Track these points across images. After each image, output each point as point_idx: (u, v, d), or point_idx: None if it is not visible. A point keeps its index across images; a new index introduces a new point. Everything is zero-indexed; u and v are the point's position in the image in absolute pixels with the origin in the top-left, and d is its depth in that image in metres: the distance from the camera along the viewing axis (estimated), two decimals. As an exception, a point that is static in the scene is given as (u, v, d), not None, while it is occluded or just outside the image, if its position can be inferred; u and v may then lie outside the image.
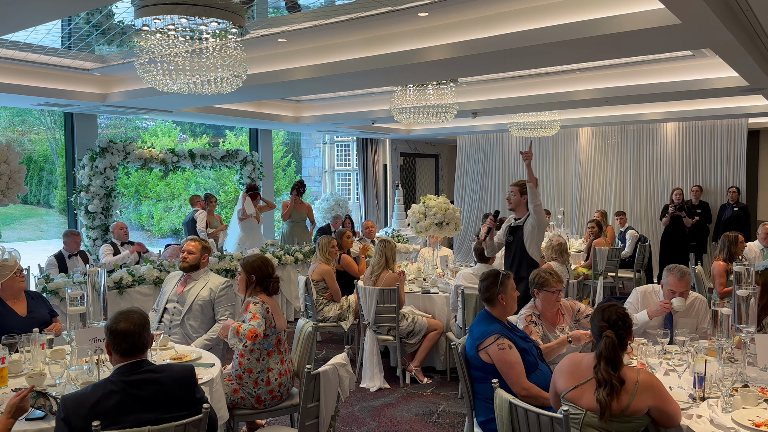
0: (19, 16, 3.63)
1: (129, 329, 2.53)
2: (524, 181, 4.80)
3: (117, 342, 2.53)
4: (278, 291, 3.68)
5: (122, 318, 2.57)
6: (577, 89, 6.96)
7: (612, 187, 10.94)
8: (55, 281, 5.31)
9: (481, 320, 3.30)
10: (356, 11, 4.27)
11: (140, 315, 2.60)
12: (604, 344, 2.52)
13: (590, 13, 3.89)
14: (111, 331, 2.55)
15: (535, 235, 4.68)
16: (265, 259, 3.67)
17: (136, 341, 2.53)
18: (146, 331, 2.59)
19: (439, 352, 5.53)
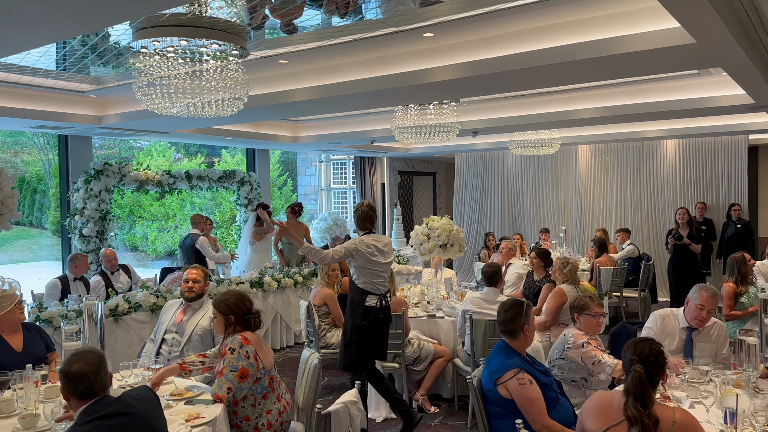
0: (16, 39, 3.51)
1: (83, 370, 2.38)
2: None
3: (72, 385, 2.38)
4: (261, 325, 3.49)
5: (75, 359, 2.42)
6: (579, 108, 6.90)
7: (612, 204, 10.87)
8: (49, 310, 5.13)
9: (498, 352, 3.15)
10: (361, 32, 4.18)
11: (95, 354, 2.45)
12: (631, 379, 2.39)
13: (599, 34, 3.82)
14: (65, 374, 2.40)
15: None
16: (240, 294, 3.41)
17: (92, 381, 2.38)
18: (102, 370, 2.44)
19: (446, 380, 5.37)
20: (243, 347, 3.25)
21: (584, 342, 3.59)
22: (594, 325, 3.68)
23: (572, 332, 3.70)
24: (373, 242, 4.51)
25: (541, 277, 6.16)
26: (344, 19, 4.29)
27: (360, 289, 4.56)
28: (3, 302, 3.57)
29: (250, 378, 3.23)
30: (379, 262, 4.52)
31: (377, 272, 4.55)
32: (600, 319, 3.71)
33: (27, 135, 18.86)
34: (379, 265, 4.53)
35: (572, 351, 3.59)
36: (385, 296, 4.60)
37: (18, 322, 3.70)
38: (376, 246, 4.51)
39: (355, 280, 4.58)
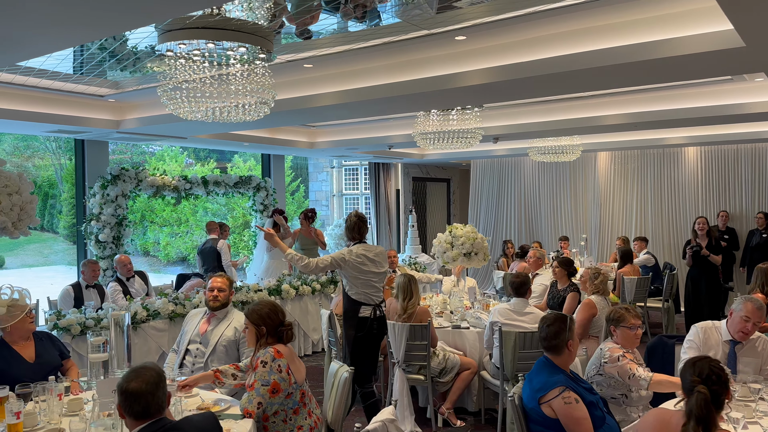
0: (36, 42, 3.42)
1: (141, 389, 2.27)
2: None
3: (128, 404, 2.27)
4: (293, 338, 3.37)
5: (133, 376, 2.30)
6: (603, 114, 6.75)
7: (633, 212, 10.69)
8: (68, 318, 5.03)
9: (541, 369, 3.02)
10: (391, 35, 4.07)
11: (154, 372, 2.33)
12: (695, 401, 2.25)
13: (640, 37, 3.69)
14: (122, 391, 2.29)
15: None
16: (273, 305, 3.31)
17: (149, 402, 2.27)
18: (160, 390, 2.32)
19: (472, 393, 5.22)
20: (275, 360, 3.13)
21: (620, 355, 3.45)
22: (631, 338, 3.55)
23: (608, 346, 3.56)
24: (364, 252, 4.53)
25: (565, 286, 6.01)
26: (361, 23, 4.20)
27: (353, 300, 4.60)
28: (13, 311, 3.42)
29: (282, 393, 3.11)
30: (371, 272, 4.56)
31: (370, 282, 4.59)
32: (637, 331, 3.58)
33: (39, 139, 18.89)
34: (371, 275, 4.57)
35: (609, 365, 3.46)
36: (379, 306, 4.65)
37: (29, 332, 3.58)
38: (366, 256, 4.54)
39: (348, 291, 4.61)
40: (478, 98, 4.88)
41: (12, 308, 3.39)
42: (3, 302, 3.38)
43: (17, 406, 2.85)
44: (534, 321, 4.70)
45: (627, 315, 3.56)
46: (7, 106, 5.69)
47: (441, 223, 14.32)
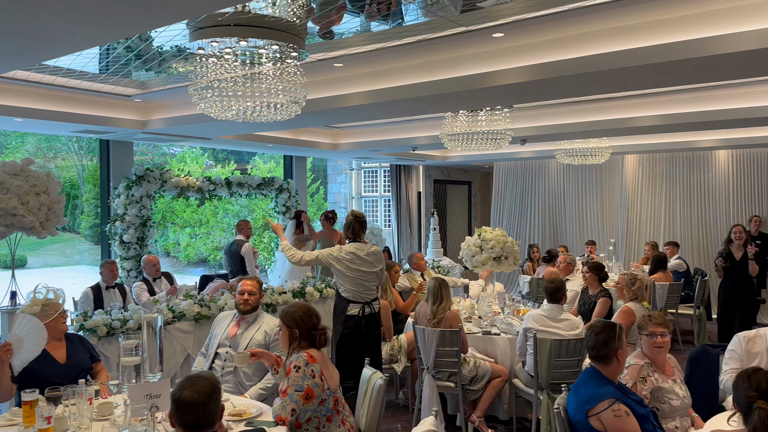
0: (68, 39, 3.36)
1: (193, 400, 2.18)
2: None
3: (179, 413, 2.18)
4: (327, 343, 3.27)
5: (187, 385, 2.21)
6: (636, 115, 6.58)
7: (661, 217, 10.45)
8: (94, 319, 4.98)
9: (588, 380, 2.88)
10: (426, 32, 3.96)
11: (209, 383, 2.24)
12: (758, 418, 2.11)
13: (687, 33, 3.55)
14: (174, 400, 2.20)
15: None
16: (308, 308, 3.24)
17: (200, 414, 2.18)
18: (213, 402, 2.23)
19: (503, 401, 5.08)
20: (308, 365, 3.04)
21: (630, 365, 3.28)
22: (651, 346, 3.33)
23: (632, 360, 3.38)
24: (354, 250, 4.70)
25: (596, 291, 5.86)
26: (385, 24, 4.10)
27: (342, 298, 4.82)
28: (47, 311, 3.41)
29: (315, 399, 3.02)
30: (362, 270, 4.71)
31: (359, 280, 4.75)
32: (657, 339, 3.33)
33: (62, 140, 19.06)
34: (361, 273, 4.72)
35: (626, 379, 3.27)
36: (369, 304, 4.77)
37: (61, 333, 3.53)
38: (356, 254, 4.69)
39: (338, 288, 4.84)
40: (514, 97, 4.75)
41: (46, 307, 3.38)
42: (38, 301, 3.37)
43: (47, 410, 2.78)
44: (570, 327, 4.56)
45: (648, 322, 3.36)
46: (34, 105, 5.68)
47: (462, 226, 14.18)
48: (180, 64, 5.64)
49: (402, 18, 4.07)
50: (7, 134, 18.77)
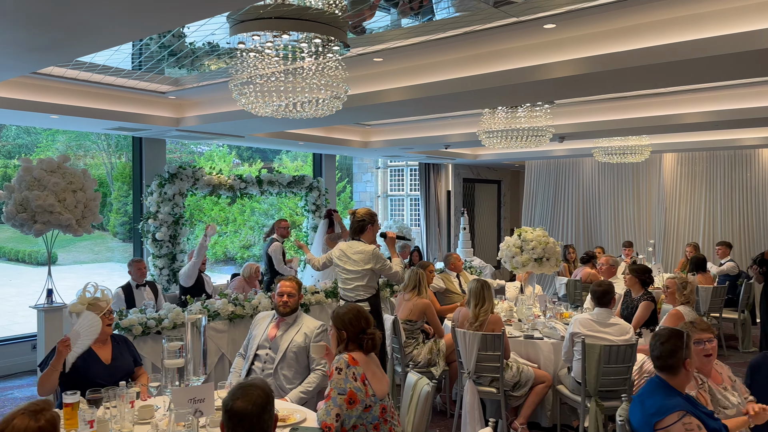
0: (110, 32, 3.28)
1: (246, 410, 2.07)
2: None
3: (232, 425, 2.07)
4: (376, 347, 3.14)
5: (240, 394, 2.10)
6: (682, 112, 6.33)
7: (701, 217, 10.12)
8: (129, 318, 4.93)
9: (655, 390, 2.71)
10: (474, 24, 3.81)
11: (262, 392, 2.13)
12: None
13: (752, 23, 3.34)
14: (226, 409, 2.09)
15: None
16: (359, 310, 3.13)
17: (254, 425, 2.07)
18: (267, 413, 2.12)
19: (546, 407, 4.91)
20: (350, 368, 2.92)
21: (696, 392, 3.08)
22: (700, 354, 3.07)
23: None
24: (346, 248, 4.89)
25: (639, 294, 5.64)
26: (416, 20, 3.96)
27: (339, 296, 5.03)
28: (93, 310, 3.36)
29: (359, 404, 2.89)
30: (345, 269, 4.85)
31: (342, 278, 4.92)
32: (706, 345, 3.11)
33: (91, 139, 19.28)
34: (341, 270, 4.89)
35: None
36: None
37: (107, 334, 3.50)
38: (344, 252, 4.87)
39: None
40: (564, 91, 4.57)
41: (92, 307, 3.32)
42: (84, 300, 3.31)
43: (90, 413, 2.70)
44: (620, 333, 4.36)
45: (692, 329, 3.09)
46: (70, 102, 5.66)
47: (490, 226, 13.96)
48: (212, 61, 5.58)
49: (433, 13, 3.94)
50: (38, 133, 19.05)
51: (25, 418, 2.01)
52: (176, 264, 7.40)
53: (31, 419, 2.01)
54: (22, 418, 2.01)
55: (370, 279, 4.82)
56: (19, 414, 2.03)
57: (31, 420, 2.01)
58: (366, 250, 4.80)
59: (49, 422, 2.04)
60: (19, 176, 4.71)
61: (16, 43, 3.15)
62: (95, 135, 18.53)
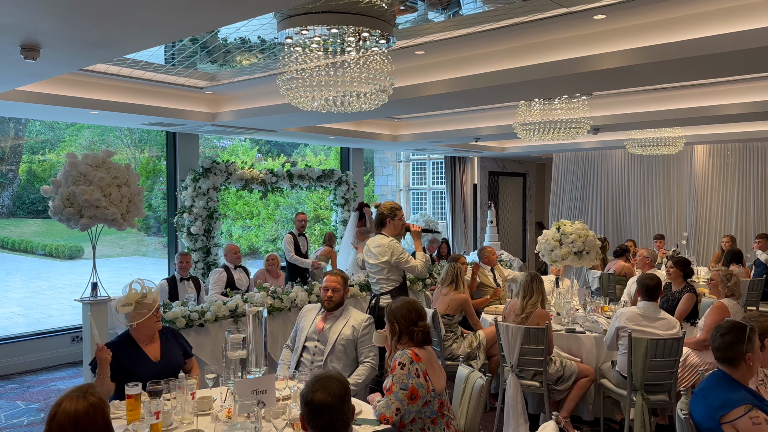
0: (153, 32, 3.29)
1: (327, 402, 2.09)
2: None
3: (313, 416, 2.09)
4: (429, 341, 3.14)
5: (319, 386, 2.11)
6: (722, 103, 6.23)
7: (733, 209, 9.98)
8: (173, 310, 5.00)
9: (718, 384, 2.68)
10: (523, 15, 3.78)
11: (340, 384, 2.15)
12: None
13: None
14: (306, 401, 2.11)
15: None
16: (411, 303, 3.13)
17: (334, 417, 2.09)
18: (346, 404, 2.14)
19: (588, 401, 4.89)
20: (413, 364, 2.93)
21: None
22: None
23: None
24: (370, 242, 4.86)
25: (680, 287, 5.59)
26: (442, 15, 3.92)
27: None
28: (140, 309, 3.30)
29: (420, 400, 2.91)
30: (366, 261, 4.87)
31: (367, 271, 4.97)
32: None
33: (114, 134, 19.49)
34: (366, 264, 4.89)
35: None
36: (377, 298, 4.77)
37: (155, 331, 3.42)
38: (368, 246, 4.85)
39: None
40: (611, 82, 4.52)
41: (139, 306, 3.26)
42: (132, 297, 3.27)
43: (155, 405, 2.75)
44: (668, 327, 4.33)
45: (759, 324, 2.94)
46: (110, 98, 5.72)
47: (516, 219, 13.89)
48: (244, 56, 5.61)
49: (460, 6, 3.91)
50: (62, 128, 19.30)
51: (74, 399, 2.03)
52: (210, 258, 7.47)
53: (81, 399, 2.03)
54: (71, 401, 2.03)
55: (389, 272, 4.70)
56: (67, 398, 2.05)
57: (80, 399, 2.03)
58: (383, 243, 4.70)
59: (99, 399, 2.06)
60: (65, 171, 4.78)
61: (75, 41, 3.19)
62: (119, 130, 18.73)
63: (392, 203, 4.85)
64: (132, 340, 3.34)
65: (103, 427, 2.02)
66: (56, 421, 1.97)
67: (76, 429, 1.96)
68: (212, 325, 5.18)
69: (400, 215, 4.81)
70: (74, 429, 1.96)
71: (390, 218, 4.77)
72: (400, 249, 4.70)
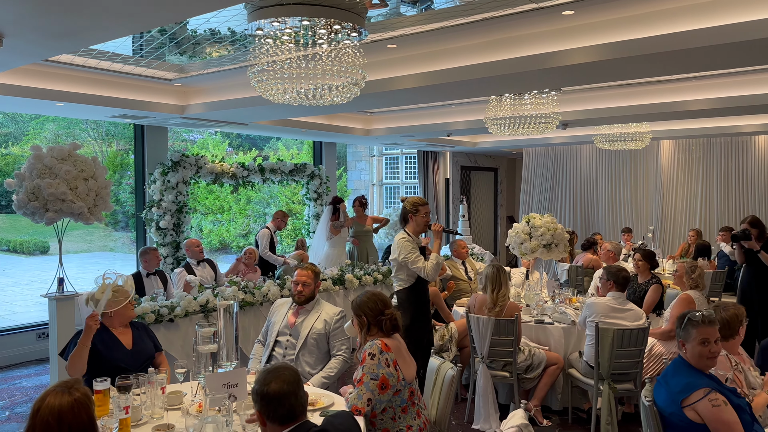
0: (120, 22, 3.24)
1: (283, 390, 2.10)
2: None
3: (272, 408, 2.10)
4: (398, 328, 3.17)
5: (271, 377, 2.13)
6: (683, 99, 6.39)
7: (697, 203, 10.25)
8: (143, 306, 4.93)
9: (678, 369, 2.77)
10: (494, 9, 3.82)
11: (292, 371, 2.19)
12: None
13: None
14: (262, 395, 2.11)
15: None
16: (375, 294, 3.17)
17: (293, 403, 2.11)
18: (301, 389, 2.17)
19: (556, 391, 4.99)
20: (383, 354, 2.96)
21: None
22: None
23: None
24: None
25: (646, 279, 5.73)
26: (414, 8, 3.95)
27: None
28: (117, 297, 3.41)
29: (390, 389, 2.94)
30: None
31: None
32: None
33: (81, 126, 19.05)
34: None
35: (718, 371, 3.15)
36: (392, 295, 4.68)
37: (129, 319, 3.54)
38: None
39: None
40: (578, 78, 4.59)
41: (116, 294, 3.36)
42: (105, 288, 3.32)
43: (125, 400, 2.72)
44: (635, 318, 4.44)
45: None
46: (76, 89, 5.60)
47: (487, 213, 14.03)
48: (214, 48, 5.54)
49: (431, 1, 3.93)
50: (26, 121, 18.79)
51: (58, 394, 2.01)
52: (180, 252, 7.38)
53: (65, 394, 2.01)
54: (55, 395, 2.00)
55: (398, 270, 4.48)
56: (51, 392, 2.02)
57: (65, 395, 2.01)
58: (397, 240, 4.50)
59: (84, 395, 2.05)
60: (29, 164, 4.67)
61: (40, 30, 3.12)
62: (86, 123, 18.31)
63: (417, 198, 4.53)
64: (105, 327, 3.41)
65: (87, 423, 2.00)
66: (39, 416, 1.94)
67: (60, 424, 1.94)
68: (182, 321, 5.13)
69: (423, 211, 4.47)
70: (57, 424, 1.94)
71: (412, 214, 4.47)
72: (409, 248, 4.40)
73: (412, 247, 4.41)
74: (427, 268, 4.38)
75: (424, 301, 4.55)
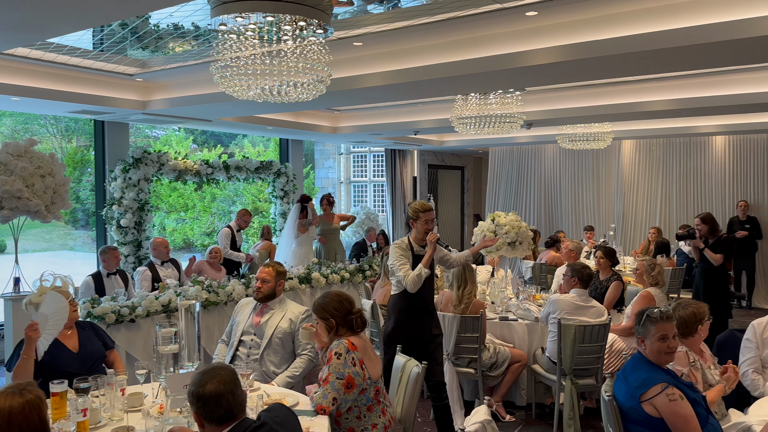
0: (76, 16, 3.15)
1: (220, 390, 2.07)
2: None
3: (209, 409, 2.06)
4: (366, 324, 3.18)
5: (207, 379, 2.09)
6: (643, 100, 6.55)
7: (657, 202, 10.52)
8: (102, 306, 4.82)
9: (637, 364, 2.84)
10: (459, 9, 3.84)
11: (228, 371, 2.15)
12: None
13: (730, 15, 3.48)
14: (198, 397, 2.07)
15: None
16: (338, 295, 3.13)
17: (231, 402, 2.07)
18: (239, 388, 2.13)
19: (520, 387, 5.06)
20: (350, 353, 2.95)
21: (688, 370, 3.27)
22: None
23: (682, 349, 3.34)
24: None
25: (608, 276, 5.85)
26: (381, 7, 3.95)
27: None
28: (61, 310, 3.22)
29: (356, 388, 2.93)
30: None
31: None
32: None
33: (39, 122, 18.49)
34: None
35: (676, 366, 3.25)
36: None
37: (72, 321, 3.39)
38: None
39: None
40: (542, 78, 4.66)
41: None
42: (44, 289, 3.21)
43: (83, 402, 2.65)
44: (597, 315, 4.53)
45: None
46: (34, 84, 5.43)
47: (454, 211, 14.14)
48: (177, 43, 5.44)
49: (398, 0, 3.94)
50: (-20, 116, 18.16)
51: (9, 396, 1.96)
52: (142, 251, 7.23)
53: (17, 395, 1.96)
54: (6, 397, 1.95)
55: (392, 275, 4.21)
56: (2, 394, 1.97)
57: (16, 396, 1.96)
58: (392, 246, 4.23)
59: (36, 396, 2.00)
60: (-18, 160, 4.51)
61: (-8, 21, 3.01)
62: (44, 118, 17.77)
63: (419, 204, 4.15)
64: None
65: (39, 424, 1.95)
66: None
67: (9, 426, 1.89)
68: (144, 321, 5.02)
69: (423, 218, 4.07)
70: (7, 426, 1.89)
71: (413, 220, 4.13)
72: (396, 254, 4.08)
73: (399, 254, 4.10)
74: (407, 278, 4.02)
75: (416, 308, 4.17)
